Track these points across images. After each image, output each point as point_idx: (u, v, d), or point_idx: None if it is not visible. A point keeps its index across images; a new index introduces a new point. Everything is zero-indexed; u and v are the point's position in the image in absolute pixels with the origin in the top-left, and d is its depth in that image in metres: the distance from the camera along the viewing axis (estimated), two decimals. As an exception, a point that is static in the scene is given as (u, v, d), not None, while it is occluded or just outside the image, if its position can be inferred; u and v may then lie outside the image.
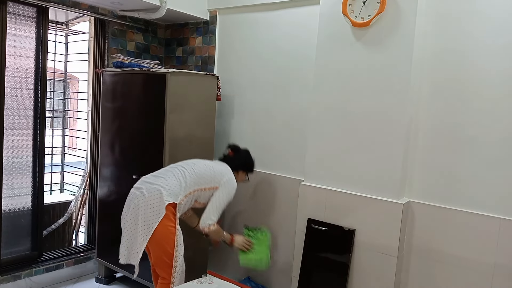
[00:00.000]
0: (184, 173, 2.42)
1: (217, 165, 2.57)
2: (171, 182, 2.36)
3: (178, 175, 2.41)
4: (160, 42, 3.77)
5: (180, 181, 2.38)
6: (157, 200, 2.28)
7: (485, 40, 2.17)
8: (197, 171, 2.46)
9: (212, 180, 2.46)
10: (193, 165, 2.50)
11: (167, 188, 2.31)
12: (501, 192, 2.14)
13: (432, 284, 2.36)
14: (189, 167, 2.47)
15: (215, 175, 2.48)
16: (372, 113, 2.40)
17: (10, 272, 2.95)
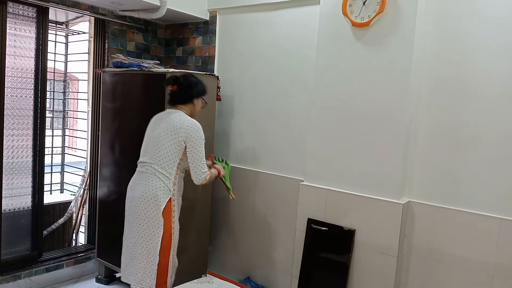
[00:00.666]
0: (157, 170, 2.35)
1: (169, 125, 2.34)
2: (155, 184, 2.34)
3: (155, 176, 2.35)
4: (160, 42, 3.77)
5: (160, 180, 2.34)
6: (155, 205, 2.31)
7: (485, 40, 2.17)
8: (162, 157, 2.34)
9: (178, 147, 2.33)
10: (154, 153, 2.37)
11: (157, 192, 2.32)
12: (501, 192, 2.14)
13: (432, 284, 2.36)
14: (154, 159, 2.36)
15: (177, 140, 2.32)
16: (372, 113, 2.40)
17: (10, 272, 2.94)
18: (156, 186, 2.33)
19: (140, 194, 2.35)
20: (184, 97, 2.44)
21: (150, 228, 2.32)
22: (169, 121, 2.37)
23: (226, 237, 3.37)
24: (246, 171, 3.21)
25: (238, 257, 3.30)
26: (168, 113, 2.43)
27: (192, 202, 3.05)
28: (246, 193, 3.22)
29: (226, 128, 3.36)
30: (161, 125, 2.39)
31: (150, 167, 2.37)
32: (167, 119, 2.39)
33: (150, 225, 2.32)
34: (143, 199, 2.33)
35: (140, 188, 2.37)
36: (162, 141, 2.35)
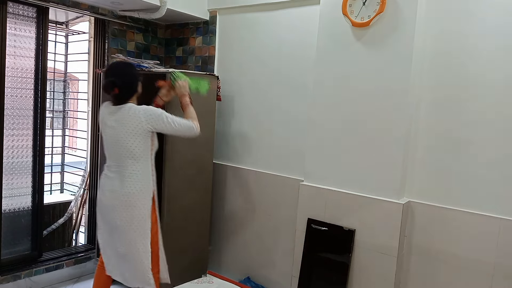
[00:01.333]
0: (131, 166, 2.31)
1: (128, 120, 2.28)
2: (134, 184, 2.31)
3: (132, 174, 2.31)
4: (160, 42, 3.77)
5: (137, 177, 2.31)
6: (141, 203, 2.31)
7: (485, 41, 2.17)
8: (133, 151, 2.29)
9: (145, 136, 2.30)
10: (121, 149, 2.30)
11: (139, 190, 2.31)
12: (501, 192, 2.14)
13: (432, 284, 2.36)
14: (124, 155, 2.31)
15: (139, 129, 2.27)
16: (372, 113, 2.40)
17: (10, 272, 2.94)
18: (140, 185, 2.31)
19: (125, 200, 2.28)
20: (130, 93, 2.36)
21: (141, 228, 2.31)
22: (124, 118, 2.29)
23: (226, 237, 3.37)
24: (246, 171, 3.21)
25: (238, 257, 3.30)
26: (117, 109, 2.33)
27: (192, 202, 3.06)
28: (246, 193, 3.22)
29: (226, 128, 3.36)
30: (117, 125, 2.30)
31: (125, 168, 2.31)
32: (120, 116, 2.30)
33: (141, 225, 2.31)
34: (130, 204, 2.29)
35: (121, 194, 2.29)
36: (128, 140, 2.28)
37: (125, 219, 2.29)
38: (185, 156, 2.94)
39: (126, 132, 2.28)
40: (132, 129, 2.27)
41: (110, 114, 2.36)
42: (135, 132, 2.27)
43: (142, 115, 2.26)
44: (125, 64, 2.48)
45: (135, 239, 2.29)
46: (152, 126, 2.28)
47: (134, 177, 2.31)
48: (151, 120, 2.27)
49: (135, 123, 2.26)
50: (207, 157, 3.15)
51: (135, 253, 2.30)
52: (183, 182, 2.95)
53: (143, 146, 2.31)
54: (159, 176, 2.81)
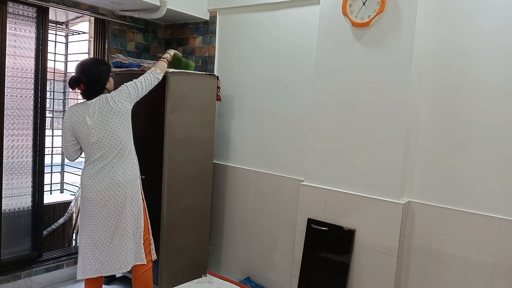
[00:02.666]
0: (120, 154, 2.34)
1: (103, 110, 2.30)
2: (125, 172, 2.34)
3: (118, 165, 2.33)
4: (160, 42, 3.77)
5: (127, 163, 2.36)
6: (132, 192, 2.37)
7: (485, 41, 2.17)
8: (119, 137, 2.32)
9: (126, 120, 2.36)
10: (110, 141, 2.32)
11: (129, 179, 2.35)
12: (501, 192, 2.14)
13: (432, 284, 2.36)
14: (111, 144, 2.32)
15: (119, 113, 2.31)
16: (372, 113, 2.40)
17: (10, 272, 2.94)
18: (130, 172, 2.36)
19: (117, 190, 2.30)
20: (97, 90, 2.34)
21: (135, 217, 2.40)
22: (105, 109, 2.30)
23: (226, 237, 3.37)
24: (246, 171, 3.21)
25: (238, 257, 3.30)
26: (90, 104, 2.32)
27: (192, 202, 3.06)
28: (246, 193, 3.22)
29: (226, 128, 3.36)
30: (101, 119, 2.30)
31: (115, 159, 2.32)
32: (94, 109, 2.30)
33: (136, 213, 2.40)
34: (123, 193, 2.32)
35: (113, 184, 2.30)
36: (117, 128, 2.31)
37: (119, 207, 2.32)
38: (185, 156, 2.94)
39: (113, 121, 2.30)
40: (117, 115, 2.31)
41: (86, 112, 2.31)
42: (120, 118, 2.32)
43: (118, 98, 2.33)
44: (93, 61, 2.47)
45: (128, 220, 2.35)
46: (130, 100, 2.37)
47: (124, 166, 2.34)
48: (126, 96, 2.35)
49: (118, 108, 2.31)
50: (207, 157, 3.15)
51: (126, 233, 2.35)
52: (183, 182, 2.95)
53: (128, 131, 2.38)
54: (159, 176, 2.82)
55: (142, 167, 2.93)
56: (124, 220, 2.34)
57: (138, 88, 2.42)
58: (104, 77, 2.37)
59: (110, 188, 2.30)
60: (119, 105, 2.31)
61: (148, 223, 2.49)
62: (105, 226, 2.33)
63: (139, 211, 2.41)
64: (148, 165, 2.90)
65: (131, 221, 2.38)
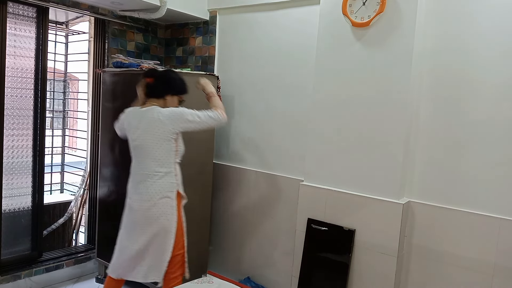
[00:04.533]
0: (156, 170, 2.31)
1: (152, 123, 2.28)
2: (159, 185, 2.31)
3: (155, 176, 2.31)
4: (160, 42, 3.77)
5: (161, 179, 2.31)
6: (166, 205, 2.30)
7: (485, 40, 2.17)
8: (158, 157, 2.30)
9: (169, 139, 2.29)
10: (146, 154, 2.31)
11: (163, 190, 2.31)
12: (501, 192, 2.14)
13: (432, 284, 2.36)
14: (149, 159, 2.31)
15: (165, 133, 2.27)
16: (372, 113, 2.40)
17: (10, 272, 2.95)
18: (163, 187, 2.30)
19: (149, 204, 2.29)
20: (158, 91, 2.36)
21: (162, 234, 2.31)
22: (148, 120, 2.31)
23: (226, 237, 3.37)
24: (246, 171, 3.21)
25: (238, 257, 3.30)
26: (144, 112, 2.34)
27: (192, 202, 3.05)
28: (246, 193, 3.22)
29: (226, 128, 3.36)
30: (141, 126, 2.32)
31: (148, 172, 2.31)
32: (145, 117, 2.32)
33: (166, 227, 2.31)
34: (154, 207, 2.29)
35: (146, 196, 2.30)
36: (151, 143, 2.29)
37: (147, 221, 2.30)
38: (185, 156, 2.93)
39: (150, 136, 2.28)
40: (155, 132, 2.27)
41: (134, 117, 2.37)
42: (158, 136, 2.27)
43: (166, 118, 2.26)
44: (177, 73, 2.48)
45: (152, 236, 2.31)
46: (177, 127, 2.27)
47: (156, 180, 2.30)
48: (175, 121, 2.26)
49: (159, 127, 2.26)
50: (207, 157, 3.15)
51: (148, 247, 2.32)
52: (183, 182, 2.94)
53: (166, 150, 2.30)
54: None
55: (142, 167, 2.93)
56: (148, 235, 2.31)
57: (192, 122, 2.28)
58: (171, 89, 2.37)
59: (143, 200, 2.29)
60: (164, 127, 2.26)
61: (183, 239, 2.38)
62: (132, 236, 2.34)
63: (168, 228, 2.30)
64: (148, 165, 2.90)
65: (155, 237, 2.31)
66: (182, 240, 2.39)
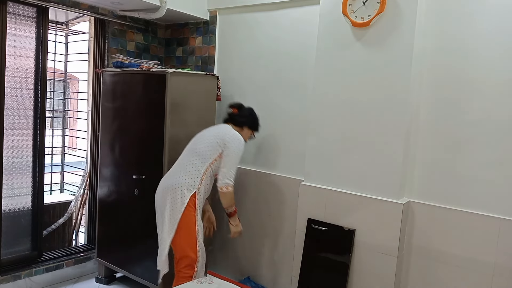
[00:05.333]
0: (192, 161, 2.50)
1: (216, 131, 2.59)
2: (184, 176, 2.47)
3: (187, 166, 2.50)
4: (160, 42, 3.77)
5: (190, 171, 2.48)
6: (180, 196, 2.42)
7: (485, 40, 2.17)
8: (199, 150, 2.51)
9: (216, 148, 2.50)
10: (194, 146, 2.56)
11: (184, 183, 2.44)
12: (501, 192, 2.14)
13: (432, 284, 2.36)
14: (192, 151, 2.55)
15: (218, 140, 2.50)
16: (372, 113, 2.40)
17: (10, 272, 2.95)
18: (183, 181, 2.45)
19: (167, 185, 2.49)
20: (238, 121, 2.68)
21: (169, 217, 2.43)
22: (216, 128, 2.65)
23: (226, 237, 3.36)
24: (246, 171, 3.21)
25: (238, 257, 3.30)
26: (218, 125, 2.71)
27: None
28: (246, 193, 3.22)
29: (226, 128, 3.35)
30: (209, 130, 2.65)
31: (184, 161, 2.53)
32: (215, 127, 2.68)
33: (171, 214, 2.43)
34: (169, 190, 2.46)
35: (169, 180, 2.51)
36: (203, 140, 2.54)
37: (163, 203, 2.47)
38: (185, 156, 2.94)
39: (208, 136, 2.56)
40: (214, 135, 2.54)
41: (209, 128, 2.70)
42: (212, 140, 2.52)
43: (228, 136, 2.51)
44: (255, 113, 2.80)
45: (166, 224, 2.44)
46: (223, 149, 2.49)
47: (183, 173, 2.47)
48: (227, 146, 2.48)
49: (219, 134, 2.53)
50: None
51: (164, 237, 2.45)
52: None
53: (207, 154, 2.49)
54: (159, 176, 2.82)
55: (142, 167, 2.94)
56: (160, 222, 2.50)
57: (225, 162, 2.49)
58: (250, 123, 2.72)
59: (167, 187, 2.50)
60: (218, 141, 2.50)
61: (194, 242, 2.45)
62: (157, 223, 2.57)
63: (174, 220, 2.42)
64: (148, 165, 2.90)
65: (162, 226, 2.45)
66: (191, 243, 2.43)
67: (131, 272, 3.04)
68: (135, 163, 3.00)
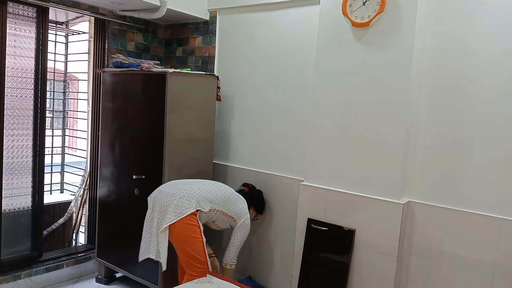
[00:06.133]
0: (216, 190, 2.58)
1: (239, 198, 2.70)
2: (205, 191, 2.51)
3: (212, 188, 2.57)
4: (160, 42, 3.77)
5: (211, 193, 2.53)
6: (188, 202, 2.40)
7: (485, 40, 2.17)
8: (226, 195, 2.61)
9: (234, 210, 2.60)
10: (223, 189, 2.65)
11: (200, 195, 2.46)
12: (501, 192, 2.14)
13: (432, 284, 2.36)
14: (220, 189, 2.63)
15: (237, 207, 2.62)
16: (372, 113, 2.40)
17: (10, 272, 2.94)
18: (201, 192, 2.50)
19: (185, 192, 2.47)
20: (249, 201, 2.77)
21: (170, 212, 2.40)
22: (235, 193, 2.72)
23: (226, 237, 3.36)
24: (246, 171, 3.21)
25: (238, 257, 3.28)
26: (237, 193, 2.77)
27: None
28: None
29: (226, 128, 3.36)
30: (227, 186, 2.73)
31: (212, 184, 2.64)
32: (234, 192, 2.72)
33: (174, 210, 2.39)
34: (183, 191, 2.45)
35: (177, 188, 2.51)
36: (230, 192, 2.66)
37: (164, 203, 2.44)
38: (185, 156, 2.94)
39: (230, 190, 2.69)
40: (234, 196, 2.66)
41: None
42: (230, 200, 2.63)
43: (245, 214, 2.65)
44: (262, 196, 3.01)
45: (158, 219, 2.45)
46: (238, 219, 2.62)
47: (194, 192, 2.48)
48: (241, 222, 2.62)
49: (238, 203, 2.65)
50: (207, 157, 3.15)
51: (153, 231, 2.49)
52: None
53: (221, 202, 2.56)
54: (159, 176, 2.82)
55: (142, 167, 2.94)
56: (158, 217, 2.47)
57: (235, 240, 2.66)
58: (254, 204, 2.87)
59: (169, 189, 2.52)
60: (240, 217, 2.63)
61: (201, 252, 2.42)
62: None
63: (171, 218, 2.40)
64: (148, 165, 2.90)
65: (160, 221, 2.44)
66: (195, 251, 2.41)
67: (131, 272, 3.04)
68: (135, 163, 3.00)
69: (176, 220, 2.36)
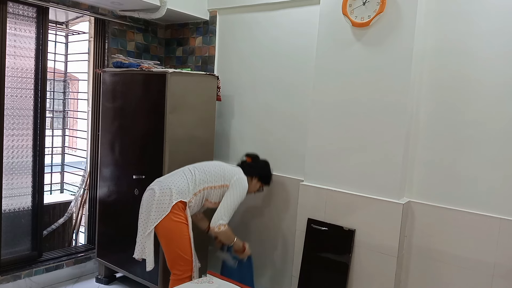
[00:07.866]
0: (193, 172, 2.54)
1: (228, 166, 2.64)
2: (180, 180, 2.46)
3: (187, 174, 2.51)
4: (160, 42, 3.77)
5: (188, 179, 2.48)
6: (167, 197, 2.38)
7: (485, 39, 2.17)
8: (207, 169, 2.55)
9: (221, 178, 2.53)
10: (203, 165, 2.61)
11: (176, 186, 2.42)
12: (501, 192, 2.14)
13: (432, 284, 2.36)
14: (200, 166, 2.58)
15: (225, 173, 2.55)
16: (372, 113, 2.40)
17: (10, 272, 2.94)
18: (178, 182, 2.44)
19: (159, 184, 2.45)
20: (249, 170, 2.67)
21: (158, 211, 2.38)
22: (229, 165, 2.67)
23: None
24: (246, 171, 3.21)
25: (238, 257, 3.29)
26: (232, 165, 2.73)
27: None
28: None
29: (226, 128, 3.36)
30: (220, 162, 2.71)
31: (190, 168, 2.56)
32: (228, 164, 2.68)
33: (159, 209, 2.38)
34: (161, 188, 2.42)
35: (163, 179, 2.51)
36: (213, 165, 2.60)
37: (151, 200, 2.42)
38: (185, 156, 2.94)
39: (216, 164, 2.64)
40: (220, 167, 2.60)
41: None
42: (218, 170, 2.56)
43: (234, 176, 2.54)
44: (269, 168, 2.80)
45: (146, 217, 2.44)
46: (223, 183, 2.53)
47: (179, 179, 2.47)
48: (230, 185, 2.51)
49: (225, 170, 2.57)
50: (207, 157, 3.14)
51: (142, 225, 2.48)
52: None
53: (203, 180, 2.50)
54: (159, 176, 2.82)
55: (142, 167, 2.94)
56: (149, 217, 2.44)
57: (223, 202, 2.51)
58: (259, 175, 2.71)
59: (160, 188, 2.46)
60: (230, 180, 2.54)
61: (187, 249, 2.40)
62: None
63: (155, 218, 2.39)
64: (148, 165, 2.90)
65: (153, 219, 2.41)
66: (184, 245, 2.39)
67: (131, 272, 3.04)
68: (135, 163, 3.00)
69: (160, 220, 2.35)
